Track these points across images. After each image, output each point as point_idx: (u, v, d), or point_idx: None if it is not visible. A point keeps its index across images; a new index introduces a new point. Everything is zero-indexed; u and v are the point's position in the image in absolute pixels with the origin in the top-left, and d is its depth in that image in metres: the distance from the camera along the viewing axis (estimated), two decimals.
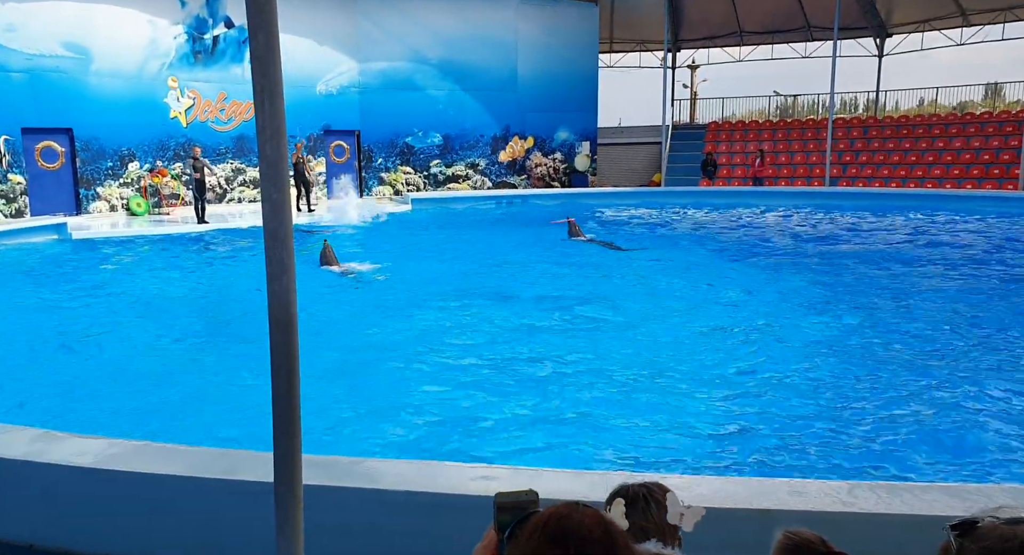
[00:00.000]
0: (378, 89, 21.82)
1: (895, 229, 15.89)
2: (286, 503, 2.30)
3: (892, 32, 25.76)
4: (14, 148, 16.03)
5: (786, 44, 27.56)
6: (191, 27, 18.60)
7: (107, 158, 17.57)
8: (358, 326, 7.97)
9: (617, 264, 11.73)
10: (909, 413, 5.39)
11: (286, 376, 2.20)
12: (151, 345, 7.62)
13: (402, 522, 3.49)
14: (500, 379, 6.33)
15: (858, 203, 19.49)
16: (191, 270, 11.98)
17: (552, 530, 1.18)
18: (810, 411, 5.47)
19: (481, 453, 4.78)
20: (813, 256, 12.79)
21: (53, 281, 10.85)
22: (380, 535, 3.58)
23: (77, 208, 17.19)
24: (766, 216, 18.45)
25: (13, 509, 3.93)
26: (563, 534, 1.17)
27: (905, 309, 8.70)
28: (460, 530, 3.41)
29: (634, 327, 7.91)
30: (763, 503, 3.10)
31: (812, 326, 7.94)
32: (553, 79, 23.72)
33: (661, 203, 20.66)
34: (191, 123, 18.84)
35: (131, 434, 4.76)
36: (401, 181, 22.63)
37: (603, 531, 1.19)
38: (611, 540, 1.19)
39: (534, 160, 24.19)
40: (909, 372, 6.36)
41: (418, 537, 3.48)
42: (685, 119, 29.39)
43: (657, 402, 5.74)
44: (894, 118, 25.28)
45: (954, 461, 4.67)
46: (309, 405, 2.61)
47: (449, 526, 3.40)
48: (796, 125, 26.00)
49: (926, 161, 22.60)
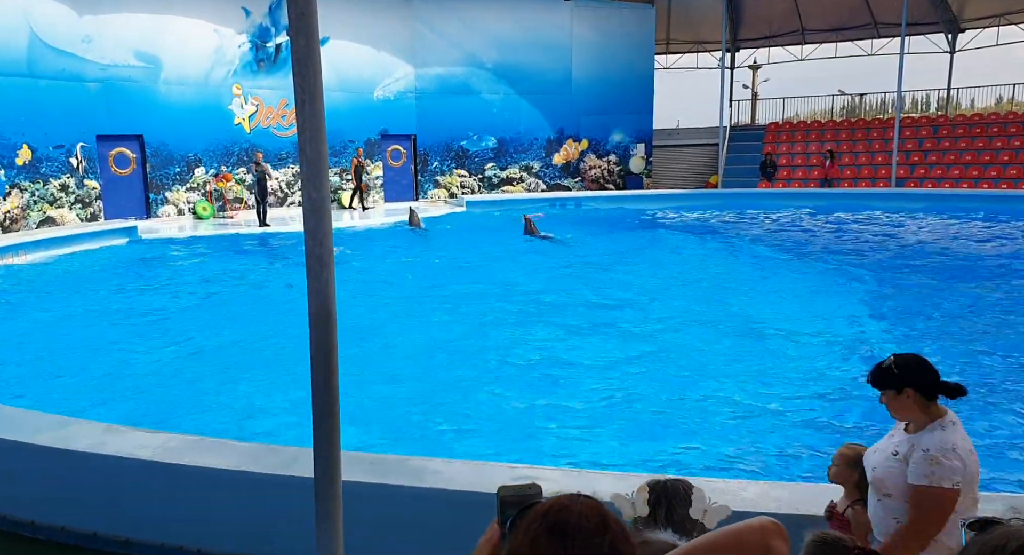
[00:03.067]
0: (434, 94, 22.08)
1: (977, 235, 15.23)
2: (326, 496, 2.35)
3: (964, 27, 24.73)
4: (90, 155, 16.79)
5: (851, 42, 26.75)
6: (255, 36, 19.17)
7: (175, 164, 18.25)
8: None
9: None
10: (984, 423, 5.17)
11: (325, 371, 2.25)
12: (214, 341, 7.88)
13: (446, 520, 3.52)
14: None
15: (927, 204, 18.77)
16: (250, 270, 12.32)
17: (551, 521, 1.19)
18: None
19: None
20: (868, 259, 12.39)
21: (124, 280, 11.31)
22: (422, 532, 3.62)
23: (147, 212, 17.90)
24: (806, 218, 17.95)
25: (79, 499, 4.11)
26: (561, 524, 1.18)
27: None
28: None
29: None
30: (811, 509, 3.03)
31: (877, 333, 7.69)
32: (608, 81, 23.58)
33: (715, 205, 20.33)
34: (254, 129, 19.40)
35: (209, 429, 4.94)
36: (456, 184, 22.84)
37: (600, 521, 1.19)
38: (607, 530, 1.18)
39: (588, 162, 24.09)
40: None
41: (460, 535, 3.51)
42: (745, 120, 28.82)
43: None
44: (966, 116, 24.25)
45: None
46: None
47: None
48: (861, 125, 25.21)
49: (1000, 161, 21.62)
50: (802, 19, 25.95)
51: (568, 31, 23.01)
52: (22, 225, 15.39)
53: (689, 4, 25.40)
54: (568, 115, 23.55)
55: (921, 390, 2.43)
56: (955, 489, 2.33)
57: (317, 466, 2.29)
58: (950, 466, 2.33)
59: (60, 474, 4.13)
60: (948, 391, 2.43)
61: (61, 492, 4.12)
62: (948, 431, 2.41)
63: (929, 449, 2.37)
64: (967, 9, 24.17)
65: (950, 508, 2.33)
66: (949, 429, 2.41)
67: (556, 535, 1.17)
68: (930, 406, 2.45)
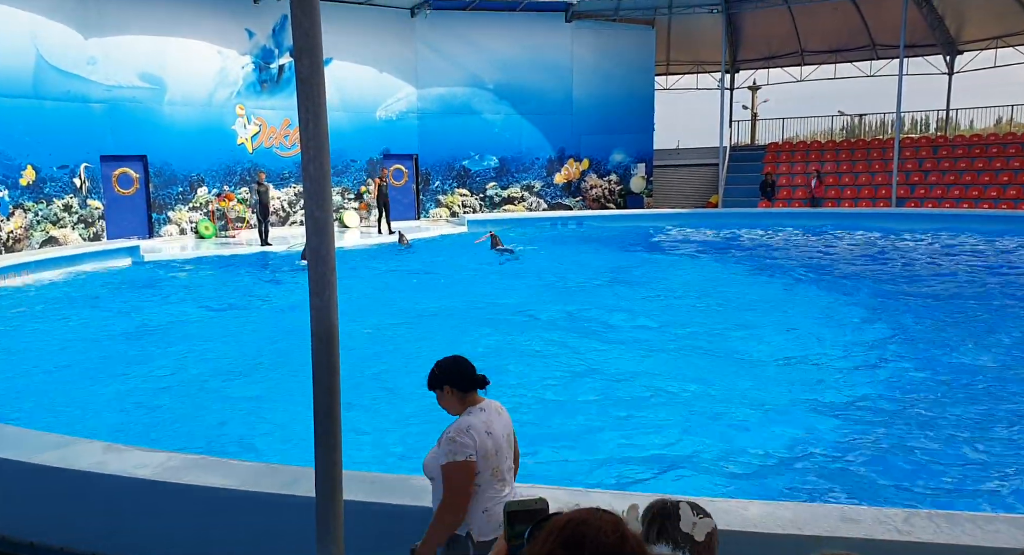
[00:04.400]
0: (436, 114, 22.24)
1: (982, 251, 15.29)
2: (327, 515, 2.34)
3: (962, 49, 24.92)
4: (93, 175, 16.88)
5: (850, 63, 26.94)
6: (258, 57, 19.36)
7: (178, 183, 18.34)
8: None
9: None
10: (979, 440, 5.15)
11: (327, 390, 2.25)
12: (218, 361, 7.87)
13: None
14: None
15: (927, 225, 18.81)
16: (251, 289, 12.33)
17: (568, 534, 1.18)
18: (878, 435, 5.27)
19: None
20: (864, 275, 12.40)
21: (126, 300, 11.32)
22: None
23: (149, 231, 17.96)
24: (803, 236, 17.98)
25: (79, 519, 4.08)
26: (578, 538, 1.17)
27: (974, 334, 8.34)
28: None
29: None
30: (814, 529, 3.00)
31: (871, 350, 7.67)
32: (608, 102, 23.76)
33: (715, 224, 20.41)
34: (257, 149, 19.53)
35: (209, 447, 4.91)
36: (458, 203, 22.92)
37: (618, 537, 1.18)
38: (625, 545, 1.18)
39: (589, 182, 24.19)
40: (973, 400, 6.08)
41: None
42: (745, 140, 28.96)
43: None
44: (966, 137, 24.35)
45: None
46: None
47: None
48: (861, 145, 25.32)
49: (1000, 181, 21.68)
50: (801, 41, 26.16)
51: (569, 52, 23.21)
52: (25, 245, 15.45)
53: (689, 25, 25.62)
54: (569, 135, 23.69)
55: (456, 385, 2.83)
56: (469, 461, 2.73)
57: (319, 485, 2.29)
58: (462, 442, 2.73)
59: (60, 494, 4.11)
60: (478, 384, 2.85)
61: (61, 512, 4.09)
62: (472, 416, 2.82)
63: (450, 432, 2.77)
64: (965, 31, 24.37)
65: (469, 479, 2.75)
66: (474, 414, 2.82)
67: (573, 548, 1.16)
68: (466, 398, 2.84)
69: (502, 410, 2.94)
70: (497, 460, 2.81)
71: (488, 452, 2.78)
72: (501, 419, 2.89)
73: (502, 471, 2.84)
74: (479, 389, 2.87)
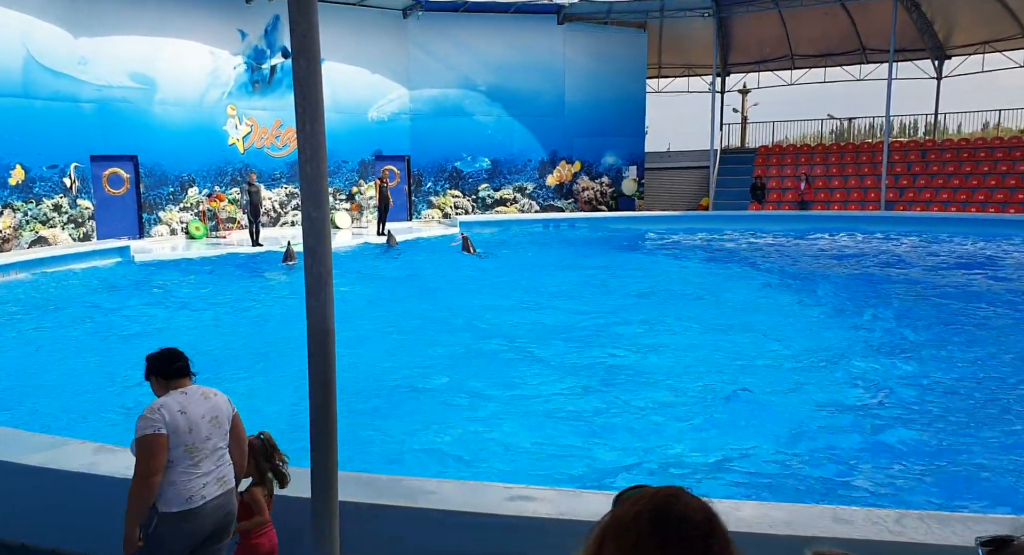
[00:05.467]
0: (428, 115, 22.24)
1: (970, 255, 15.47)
2: (323, 515, 2.34)
3: (951, 54, 25.13)
4: (83, 175, 16.78)
5: (840, 67, 27.12)
6: (250, 57, 19.29)
7: (169, 184, 18.25)
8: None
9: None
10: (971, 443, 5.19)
11: (323, 388, 2.25)
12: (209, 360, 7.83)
13: (441, 541, 3.50)
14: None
15: (915, 227, 18.95)
16: (240, 290, 12.28)
17: (659, 503, 1.19)
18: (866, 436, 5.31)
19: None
20: (839, 277, 12.48)
21: (116, 299, 11.26)
22: (415, 552, 3.59)
23: (140, 232, 17.86)
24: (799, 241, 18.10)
25: (70, 520, 4.06)
26: (667, 509, 1.18)
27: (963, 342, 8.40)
28: (500, 549, 3.41)
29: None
30: (807, 530, 3.02)
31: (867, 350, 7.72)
32: (600, 104, 23.82)
33: (705, 227, 20.51)
34: (248, 149, 19.46)
35: None
36: (450, 204, 22.92)
37: (706, 517, 1.19)
38: (713, 529, 1.18)
39: (581, 184, 24.24)
40: (963, 400, 6.13)
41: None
42: (736, 143, 29.09)
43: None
44: (954, 141, 24.56)
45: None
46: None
47: (490, 545, 3.40)
48: (850, 149, 25.48)
49: (988, 185, 21.86)
50: (791, 44, 26.31)
51: (561, 55, 23.26)
52: (14, 244, 15.33)
53: (680, 29, 25.71)
54: (561, 137, 23.74)
55: (159, 374, 3.17)
56: (158, 434, 2.95)
57: (315, 484, 2.29)
58: (152, 418, 2.97)
59: (51, 495, 4.08)
60: (177, 373, 3.16)
61: (52, 513, 4.07)
62: (169, 397, 3.08)
63: (144, 412, 3.00)
64: (953, 36, 24.58)
65: (158, 451, 2.95)
66: (172, 396, 3.08)
67: (660, 518, 1.17)
68: (170, 385, 3.14)
69: (213, 396, 3.18)
70: (191, 438, 3.02)
71: (180, 429, 2.99)
72: (207, 403, 3.13)
73: (198, 450, 3.04)
74: (180, 377, 3.16)
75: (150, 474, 2.97)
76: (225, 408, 3.22)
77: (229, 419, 3.23)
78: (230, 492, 3.23)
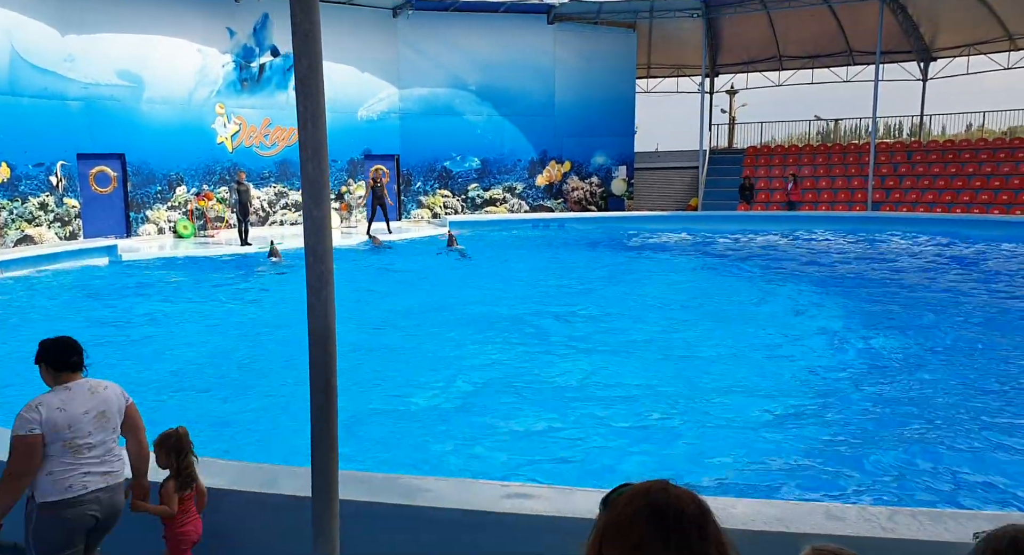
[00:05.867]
0: (417, 114, 22.21)
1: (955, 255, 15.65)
2: (323, 515, 2.34)
3: (936, 56, 25.37)
4: (70, 173, 16.64)
5: (827, 68, 27.32)
6: (239, 56, 19.20)
7: (156, 182, 18.13)
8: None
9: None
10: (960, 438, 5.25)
11: (324, 388, 2.25)
12: (196, 359, 7.81)
13: (437, 538, 3.51)
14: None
15: (902, 227, 19.12)
16: (230, 290, 12.23)
17: (653, 499, 1.23)
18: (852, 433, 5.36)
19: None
20: (843, 276, 12.59)
21: (101, 299, 11.18)
22: (411, 549, 3.59)
23: (127, 230, 17.73)
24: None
25: None
26: (662, 504, 1.22)
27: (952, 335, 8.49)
28: (495, 547, 3.42)
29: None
30: (800, 527, 3.05)
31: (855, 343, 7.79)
32: (590, 104, 23.87)
33: (694, 227, 20.60)
34: (236, 148, 19.37)
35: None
36: (439, 204, 22.90)
37: (698, 507, 1.23)
38: (705, 517, 1.23)
39: (571, 184, 24.29)
40: (954, 397, 6.20)
41: (449, 553, 3.49)
42: (724, 144, 29.24)
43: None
44: (939, 142, 24.81)
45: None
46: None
47: (485, 543, 3.41)
48: (837, 150, 25.67)
49: (973, 186, 22.09)
50: (779, 46, 26.47)
51: (551, 54, 23.30)
52: (0, 243, 15.21)
53: (669, 29, 25.81)
54: (551, 137, 23.78)
55: (49, 363, 3.12)
56: (32, 435, 2.93)
57: (315, 483, 2.29)
58: (27, 417, 2.95)
59: None
60: (68, 366, 3.11)
61: None
62: (51, 393, 3.06)
63: (23, 409, 2.97)
64: (939, 39, 24.81)
65: (31, 452, 2.94)
66: (55, 392, 3.06)
67: (657, 513, 1.21)
68: (59, 377, 3.10)
69: (102, 390, 3.16)
70: (71, 434, 3.01)
71: (58, 426, 2.98)
72: (94, 398, 3.10)
73: (78, 446, 3.04)
74: (71, 371, 3.12)
75: (22, 474, 2.97)
76: (116, 401, 3.20)
77: (121, 412, 3.22)
78: (117, 486, 3.22)
